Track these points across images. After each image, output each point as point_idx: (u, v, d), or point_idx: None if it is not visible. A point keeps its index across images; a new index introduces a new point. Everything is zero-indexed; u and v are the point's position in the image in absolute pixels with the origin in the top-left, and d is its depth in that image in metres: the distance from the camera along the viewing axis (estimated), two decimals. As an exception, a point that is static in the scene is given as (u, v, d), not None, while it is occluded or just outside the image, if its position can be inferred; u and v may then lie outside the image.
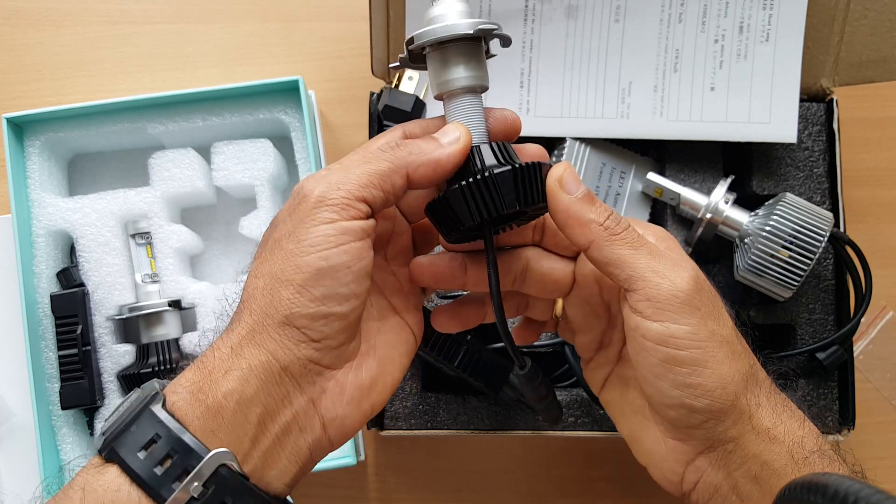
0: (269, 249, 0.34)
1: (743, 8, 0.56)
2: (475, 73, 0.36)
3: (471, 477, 0.65)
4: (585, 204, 0.35)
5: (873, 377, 0.66)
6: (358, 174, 0.33)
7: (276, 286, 0.33)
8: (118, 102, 0.60)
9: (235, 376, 0.32)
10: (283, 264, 0.33)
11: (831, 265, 0.58)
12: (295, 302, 0.32)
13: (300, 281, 0.32)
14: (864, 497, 0.29)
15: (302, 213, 0.33)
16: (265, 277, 0.33)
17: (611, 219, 0.35)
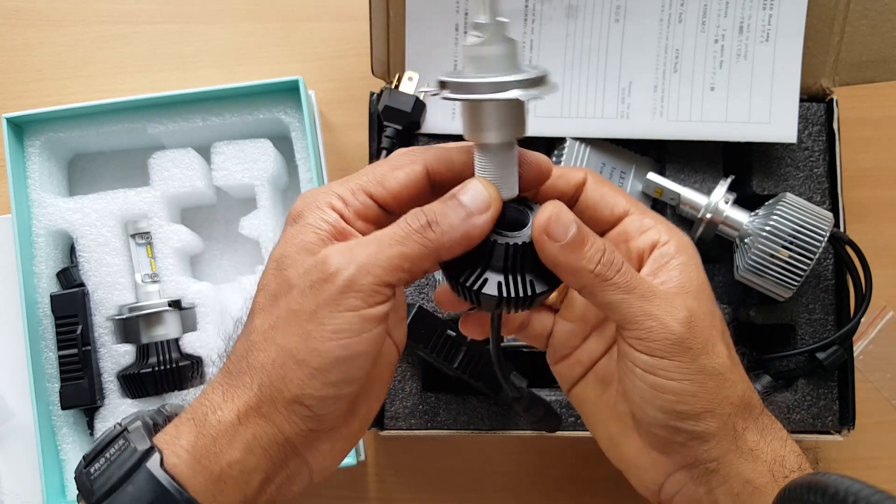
0: (285, 321, 0.32)
1: (743, 8, 0.56)
2: (514, 128, 0.33)
3: (471, 477, 0.65)
4: (574, 251, 0.33)
5: (873, 377, 0.66)
6: (389, 256, 0.32)
7: (289, 363, 0.32)
8: (118, 102, 0.60)
9: (240, 446, 0.32)
10: (299, 344, 0.32)
11: (831, 265, 0.58)
12: (308, 385, 0.32)
13: (317, 365, 0.32)
14: (865, 497, 0.29)
15: (326, 295, 0.31)
16: (277, 351, 0.32)
17: (602, 263, 0.34)
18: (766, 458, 0.36)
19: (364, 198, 0.34)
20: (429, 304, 0.57)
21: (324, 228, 0.33)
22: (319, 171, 0.61)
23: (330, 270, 0.32)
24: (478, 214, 0.33)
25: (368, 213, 0.34)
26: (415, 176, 0.34)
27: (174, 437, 0.33)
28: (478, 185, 0.33)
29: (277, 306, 0.33)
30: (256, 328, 0.33)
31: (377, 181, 0.34)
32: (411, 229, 0.32)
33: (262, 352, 0.33)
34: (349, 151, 0.67)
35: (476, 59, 0.32)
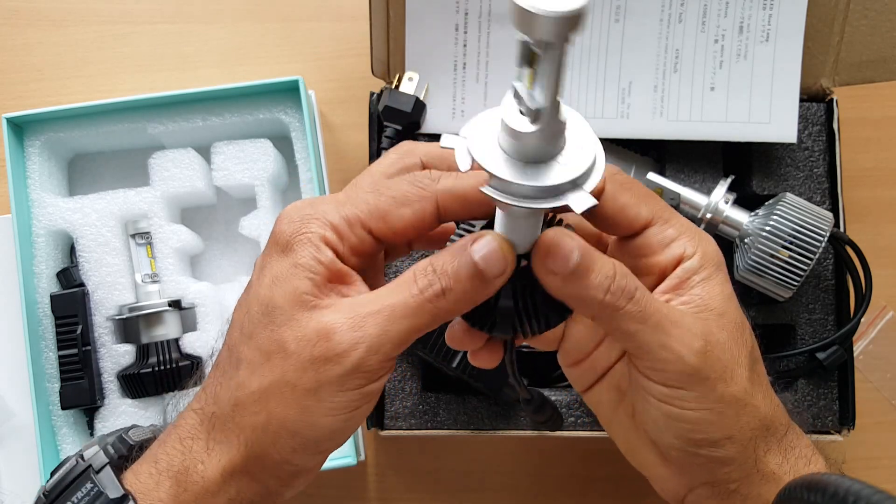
0: (278, 387, 0.30)
1: (743, 8, 0.56)
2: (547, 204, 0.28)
3: (471, 477, 0.65)
4: (579, 281, 0.30)
5: (873, 377, 0.66)
6: (399, 332, 0.30)
7: (282, 433, 0.30)
8: (118, 102, 0.60)
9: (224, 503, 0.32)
10: (296, 417, 0.30)
11: (831, 265, 0.58)
12: (301, 452, 0.31)
13: (313, 437, 0.31)
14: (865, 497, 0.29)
15: (330, 376, 0.29)
16: (269, 418, 0.30)
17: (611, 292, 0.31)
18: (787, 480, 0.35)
19: (362, 233, 0.31)
20: (429, 304, 0.57)
21: (318, 272, 0.30)
22: (319, 171, 0.61)
23: (336, 350, 0.29)
24: (492, 279, 0.30)
25: (364, 249, 0.32)
26: (424, 215, 0.31)
27: (152, 489, 0.31)
28: (495, 247, 0.30)
29: (270, 368, 0.30)
30: (244, 385, 0.31)
31: (380, 216, 0.31)
32: (424, 299, 0.30)
33: (252, 415, 0.31)
34: (349, 151, 0.67)
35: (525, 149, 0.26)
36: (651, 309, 0.32)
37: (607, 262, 0.31)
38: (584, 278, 0.30)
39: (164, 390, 0.58)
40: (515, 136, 0.26)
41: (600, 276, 0.31)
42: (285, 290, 0.30)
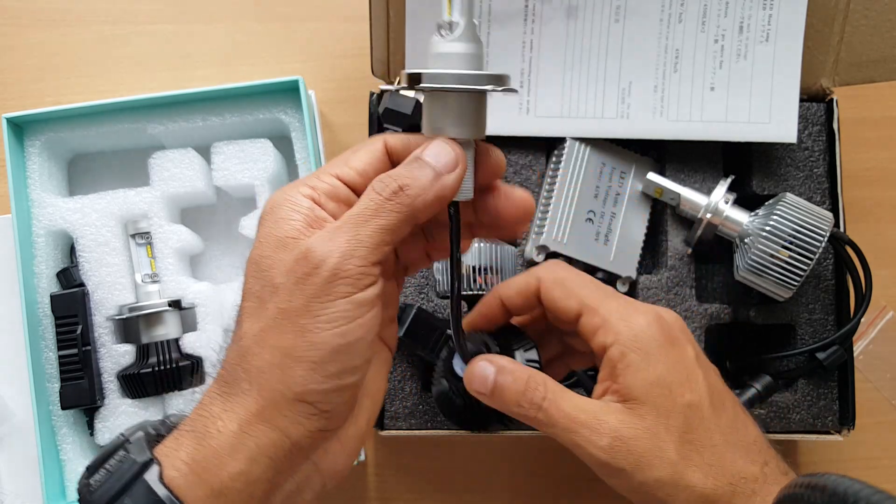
0: (276, 321, 0.32)
1: (743, 8, 0.56)
2: (473, 127, 0.34)
3: (471, 477, 0.65)
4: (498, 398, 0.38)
5: (873, 377, 0.66)
6: (369, 234, 0.32)
7: (287, 363, 0.31)
8: (118, 102, 0.60)
9: (244, 457, 0.31)
10: (295, 340, 0.31)
11: (831, 265, 0.58)
12: (310, 380, 0.31)
13: (316, 358, 0.31)
14: (864, 497, 0.29)
15: (315, 287, 0.31)
16: (274, 352, 0.31)
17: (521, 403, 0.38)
18: None
19: (331, 179, 0.34)
20: (428, 304, 0.57)
21: (297, 219, 0.33)
22: (319, 171, 0.61)
23: (314, 262, 0.31)
24: (447, 173, 0.33)
25: (339, 194, 0.34)
26: (376, 152, 0.35)
27: (173, 450, 0.32)
28: (441, 144, 0.33)
29: (265, 308, 0.32)
30: (246, 333, 0.32)
31: (341, 163, 0.35)
32: (383, 198, 0.32)
33: (256, 356, 0.32)
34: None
35: (445, 56, 0.33)
36: (558, 415, 0.37)
37: (521, 377, 0.38)
38: (501, 395, 0.38)
39: (164, 390, 0.58)
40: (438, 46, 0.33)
41: (511, 393, 0.37)
42: (269, 241, 0.33)
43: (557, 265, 0.43)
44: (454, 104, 0.34)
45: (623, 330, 0.38)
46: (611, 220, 0.59)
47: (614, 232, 0.59)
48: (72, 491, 0.59)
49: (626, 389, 0.37)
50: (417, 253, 0.38)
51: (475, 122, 0.34)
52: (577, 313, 0.40)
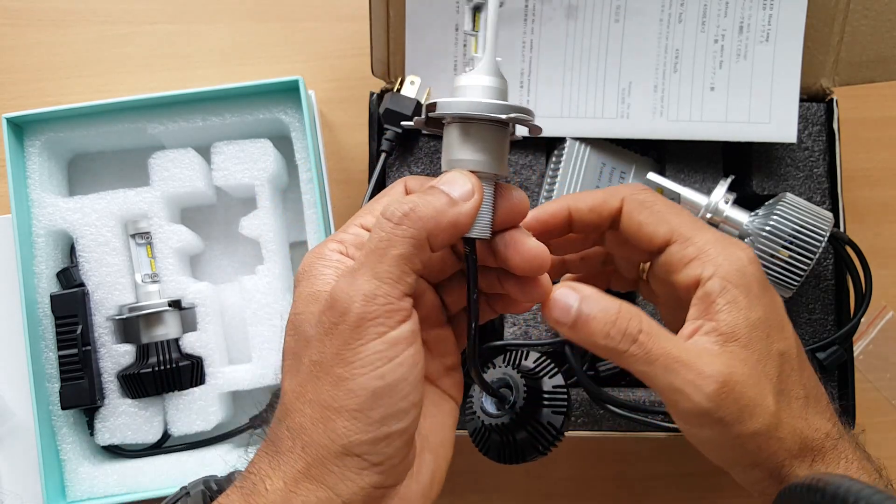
0: (312, 375, 0.30)
1: (743, 8, 0.56)
2: (494, 162, 0.33)
3: (471, 477, 0.65)
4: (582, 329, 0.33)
5: (873, 377, 0.66)
6: (388, 268, 0.30)
7: (328, 415, 0.30)
8: (118, 102, 0.60)
9: None
10: (333, 391, 0.30)
11: (831, 265, 0.58)
12: (352, 429, 0.30)
13: (355, 406, 0.30)
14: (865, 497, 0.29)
15: (345, 335, 0.30)
16: (312, 406, 0.30)
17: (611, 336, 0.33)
18: None
19: (356, 229, 0.33)
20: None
21: (327, 273, 0.32)
22: (319, 171, 0.61)
23: (339, 310, 0.30)
24: (462, 202, 0.31)
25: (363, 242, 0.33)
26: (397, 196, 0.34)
27: None
28: (455, 174, 0.32)
29: (300, 363, 0.31)
30: (286, 392, 0.32)
31: (366, 212, 0.34)
32: (392, 225, 0.30)
33: (297, 413, 0.31)
34: (349, 151, 0.67)
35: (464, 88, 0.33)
36: (658, 351, 0.32)
37: (610, 307, 0.33)
38: (585, 326, 0.33)
39: (164, 390, 0.58)
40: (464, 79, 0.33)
41: (600, 323, 0.33)
42: (301, 299, 0.32)
43: (642, 187, 0.38)
44: (474, 134, 0.32)
45: (724, 263, 0.34)
46: (611, 220, 0.59)
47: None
48: (72, 491, 0.59)
49: (729, 328, 0.33)
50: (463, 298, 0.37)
51: (496, 158, 0.33)
52: (666, 241, 0.36)
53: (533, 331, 0.58)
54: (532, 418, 0.40)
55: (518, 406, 0.40)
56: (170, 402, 0.60)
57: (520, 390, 0.40)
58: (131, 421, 0.60)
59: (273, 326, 0.60)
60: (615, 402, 0.55)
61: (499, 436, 0.41)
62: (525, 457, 0.41)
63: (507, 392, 0.41)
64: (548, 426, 0.40)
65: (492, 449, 0.42)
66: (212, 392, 0.60)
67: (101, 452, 0.62)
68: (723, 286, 0.34)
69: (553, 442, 0.41)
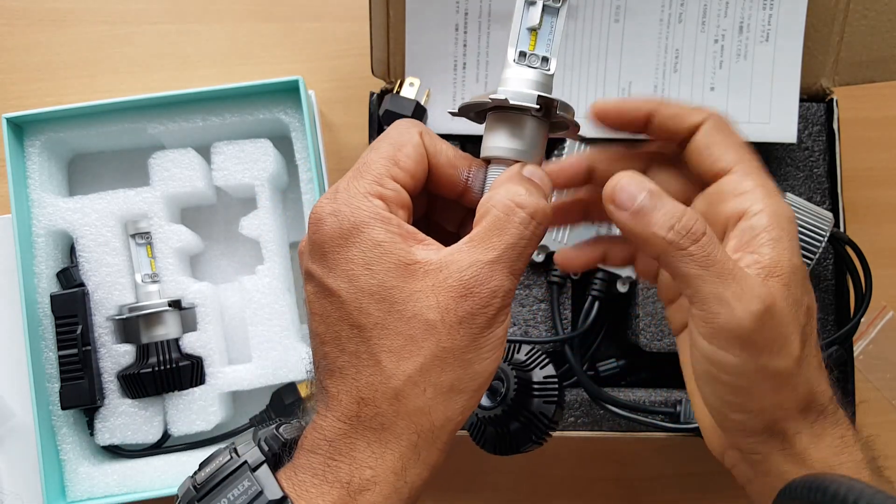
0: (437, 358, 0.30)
1: (743, 8, 0.56)
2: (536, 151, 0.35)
3: (471, 477, 0.65)
4: (644, 218, 0.32)
5: (873, 377, 0.66)
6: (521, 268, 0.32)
7: (451, 396, 0.31)
8: (118, 102, 0.60)
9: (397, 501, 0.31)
10: (460, 373, 0.30)
11: (831, 265, 0.58)
12: (468, 406, 0.31)
13: (476, 387, 0.31)
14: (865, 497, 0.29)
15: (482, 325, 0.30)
16: (436, 390, 0.30)
17: (675, 230, 0.32)
18: (814, 466, 0.34)
19: (394, 185, 0.32)
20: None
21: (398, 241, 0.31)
22: (319, 171, 0.61)
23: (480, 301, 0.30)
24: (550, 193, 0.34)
25: (402, 201, 0.32)
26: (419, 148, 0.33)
27: (315, 497, 0.30)
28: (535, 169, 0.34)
29: (419, 346, 0.30)
30: (395, 374, 0.30)
31: (391, 162, 0.32)
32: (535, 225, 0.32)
33: (416, 396, 0.30)
34: (349, 151, 0.67)
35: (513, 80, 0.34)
36: (718, 256, 0.32)
37: (675, 205, 0.32)
38: (649, 215, 0.32)
39: (164, 390, 0.58)
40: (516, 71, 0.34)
41: (666, 216, 0.32)
42: (387, 270, 0.30)
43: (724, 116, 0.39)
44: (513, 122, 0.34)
45: (774, 206, 0.34)
46: (611, 220, 0.59)
47: (614, 232, 0.59)
48: (72, 491, 0.59)
49: (772, 263, 0.32)
50: None
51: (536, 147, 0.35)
52: (728, 168, 0.35)
53: (533, 330, 0.58)
54: (524, 409, 0.41)
55: (509, 398, 0.41)
56: (170, 402, 0.60)
57: (510, 382, 0.41)
58: (131, 421, 0.60)
59: (273, 326, 0.60)
60: (615, 402, 0.55)
61: (493, 428, 0.42)
62: (519, 447, 0.42)
63: (499, 384, 0.42)
64: (540, 416, 0.41)
65: (488, 441, 0.43)
66: (212, 392, 0.60)
67: (101, 452, 0.62)
68: (770, 222, 0.33)
69: (546, 431, 0.41)
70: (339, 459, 0.30)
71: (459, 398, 0.31)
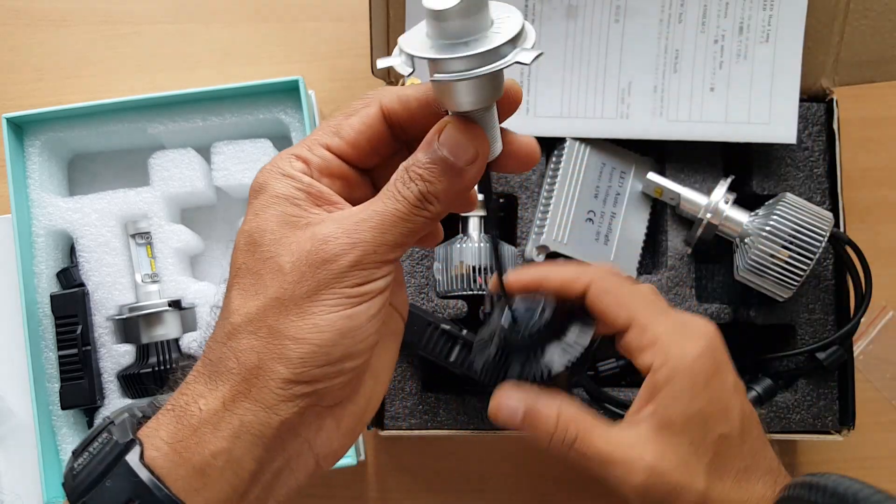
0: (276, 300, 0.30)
1: (743, 8, 0.56)
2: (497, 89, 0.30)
3: (471, 477, 0.65)
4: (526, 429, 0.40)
5: (873, 377, 0.66)
6: (395, 236, 0.30)
7: (286, 343, 0.30)
8: (118, 102, 0.60)
9: (226, 435, 0.30)
10: (298, 322, 0.30)
11: (831, 265, 0.58)
12: (309, 362, 0.30)
13: (318, 341, 0.30)
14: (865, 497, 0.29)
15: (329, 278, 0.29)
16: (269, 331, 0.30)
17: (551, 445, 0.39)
18: None
19: (322, 152, 0.32)
20: (429, 304, 0.57)
21: (299, 196, 0.31)
22: (319, 171, 0.61)
23: (332, 253, 0.29)
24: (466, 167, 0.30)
25: (332, 169, 0.32)
26: (370, 119, 0.32)
27: (154, 430, 0.31)
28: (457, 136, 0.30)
29: (264, 287, 0.30)
30: (237, 310, 0.31)
31: (332, 132, 0.32)
32: (410, 205, 0.30)
33: (250, 334, 0.30)
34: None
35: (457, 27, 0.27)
36: (591, 452, 0.38)
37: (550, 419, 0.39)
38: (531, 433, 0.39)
39: (164, 390, 0.58)
40: (444, 15, 0.26)
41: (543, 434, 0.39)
42: (270, 216, 0.31)
43: (610, 271, 0.42)
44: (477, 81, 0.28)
45: (674, 355, 0.39)
46: (611, 220, 0.59)
47: (614, 232, 0.59)
48: (72, 491, 0.59)
49: (666, 418, 0.38)
50: None
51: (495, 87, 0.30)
52: (626, 326, 0.40)
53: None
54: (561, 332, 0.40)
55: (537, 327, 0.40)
56: (165, 396, 0.60)
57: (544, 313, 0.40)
58: (131, 421, 0.60)
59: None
60: (615, 401, 0.55)
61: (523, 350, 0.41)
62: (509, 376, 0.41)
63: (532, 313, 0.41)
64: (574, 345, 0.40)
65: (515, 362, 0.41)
66: (212, 392, 0.60)
67: (101, 452, 0.62)
68: (668, 377, 0.38)
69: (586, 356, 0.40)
70: (182, 391, 0.31)
71: (296, 347, 0.30)
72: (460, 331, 0.53)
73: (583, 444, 0.38)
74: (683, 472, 0.37)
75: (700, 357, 0.38)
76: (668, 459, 0.37)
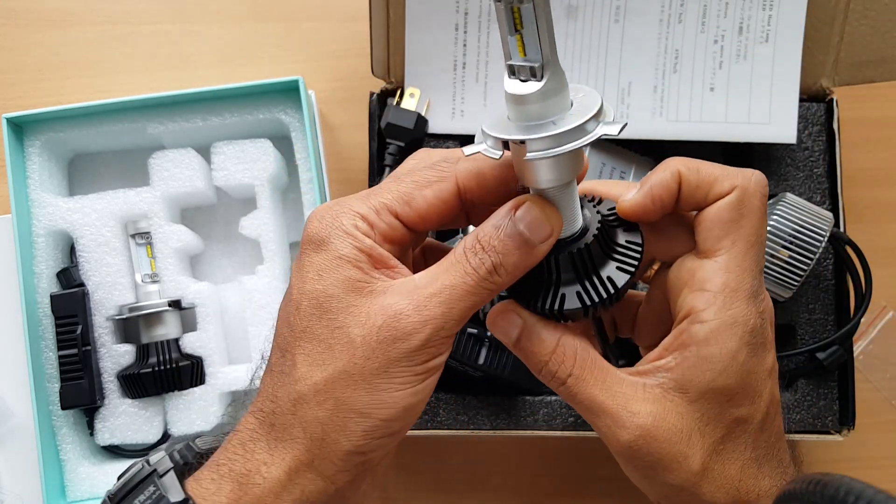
0: (347, 374, 0.30)
1: (742, 8, 0.56)
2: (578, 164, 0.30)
3: (471, 477, 0.65)
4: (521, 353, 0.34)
5: (873, 377, 0.66)
6: (461, 310, 0.30)
7: (351, 416, 0.30)
8: (118, 102, 0.60)
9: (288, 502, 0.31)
10: (365, 397, 0.30)
11: (831, 265, 0.58)
12: (371, 435, 0.30)
13: (384, 417, 0.30)
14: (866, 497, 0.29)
15: (399, 352, 0.30)
16: (336, 404, 0.30)
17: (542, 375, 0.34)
18: None
19: (390, 219, 0.32)
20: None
21: (362, 259, 0.31)
22: (319, 171, 0.61)
23: (405, 330, 0.30)
24: (539, 245, 0.30)
25: (395, 236, 0.32)
26: (445, 195, 0.32)
27: (212, 493, 0.31)
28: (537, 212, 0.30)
29: (333, 356, 0.30)
30: (304, 378, 0.30)
31: (403, 200, 0.32)
32: (479, 277, 0.30)
33: (317, 405, 0.30)
34: (349, 151, 0.67)
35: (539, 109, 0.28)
36: (582, 396, 0.33)
37: (546, 345, 0.33)
38: (523, 355, 0.34)
39: (164, 390, 0.58)
40: (525, 100, 0.28)
41: (535, 358, 0.33)
42: (336, 280, 0.30)
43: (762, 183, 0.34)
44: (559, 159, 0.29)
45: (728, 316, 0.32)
46: (611, 220, 0.59)
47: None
48: (72, 491, 0.59)
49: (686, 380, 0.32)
50: None
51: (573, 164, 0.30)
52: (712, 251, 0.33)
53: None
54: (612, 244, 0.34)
55: None
56: (170, 402, 0.60)
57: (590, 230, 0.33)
58: (131, 421, 0.60)
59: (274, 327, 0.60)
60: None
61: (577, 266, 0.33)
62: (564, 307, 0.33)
63: None
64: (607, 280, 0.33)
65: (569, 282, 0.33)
66: (212, 392, 0.60)
67: (101, 452, 0.62)
68: (709, 337, 0.32)
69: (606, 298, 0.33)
70: (239, 453, 0.31)
71: (361, 421, 0.30)
72: (486, 332, 0.53)
73: (576, 383, 0.33)
74: (679, 445, 0.32)
75: (745, 322, 0.32)
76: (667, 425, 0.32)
